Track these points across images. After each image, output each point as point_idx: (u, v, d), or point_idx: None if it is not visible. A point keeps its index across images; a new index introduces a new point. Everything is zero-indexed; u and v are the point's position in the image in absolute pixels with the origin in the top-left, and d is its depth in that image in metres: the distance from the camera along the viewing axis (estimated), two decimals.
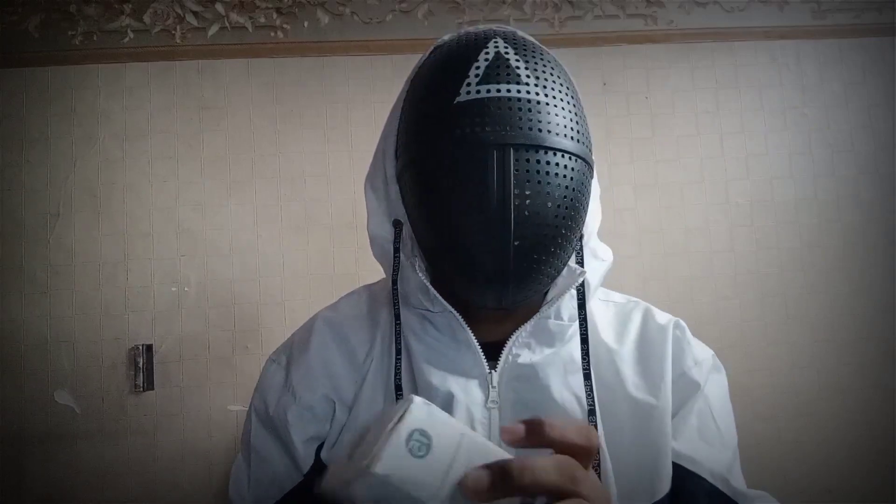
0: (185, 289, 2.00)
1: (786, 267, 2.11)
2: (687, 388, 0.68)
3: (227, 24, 2.07)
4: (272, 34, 2.08)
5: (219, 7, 2.06)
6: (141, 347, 1.95)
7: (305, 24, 2.09)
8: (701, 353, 0.71)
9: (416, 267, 0.64)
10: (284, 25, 2.08)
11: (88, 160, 2.01)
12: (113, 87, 2.04)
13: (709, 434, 0.67)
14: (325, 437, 0.69)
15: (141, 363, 1.94)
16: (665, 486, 0.63)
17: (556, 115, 0.59)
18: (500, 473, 0.37)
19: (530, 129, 0.57)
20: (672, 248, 2.10)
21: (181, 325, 1.98)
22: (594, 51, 2.12)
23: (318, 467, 0.68)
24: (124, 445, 1.93)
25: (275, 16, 2.08)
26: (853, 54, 2.19)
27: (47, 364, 1.94)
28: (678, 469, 0.65)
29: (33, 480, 1.90)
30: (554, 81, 0.60)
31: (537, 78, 0.59)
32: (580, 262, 0.66)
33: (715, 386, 0.70)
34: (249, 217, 2.04)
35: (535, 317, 0.66)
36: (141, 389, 1.94)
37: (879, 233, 2.13)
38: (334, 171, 2.06)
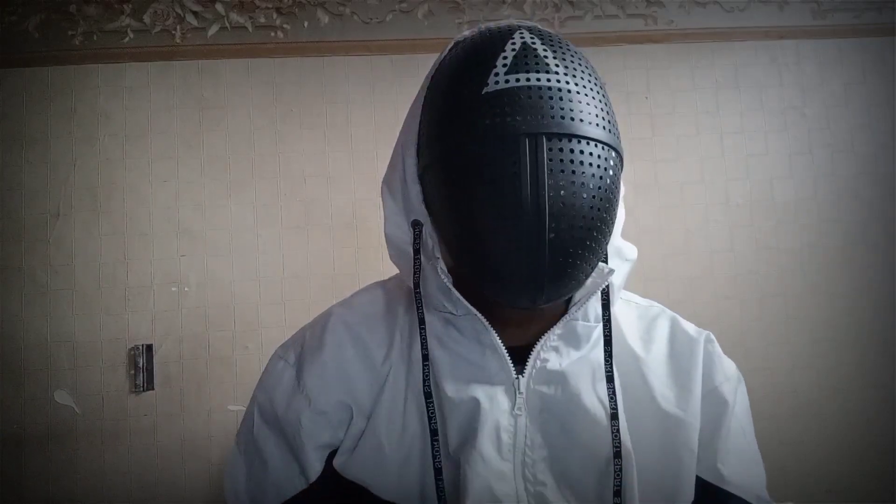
0: (185, 289, 2.00)
1: (786, 267, 2.11)
2: (718, 405, 0.67)
3: (227, 24, 2.07)
4: (272, 34, 2.08)
5: (219, 7, 2.06)
6: (141, 347, 1.95)
7: (305, 24, 2.09)
8: (729, 368, 0.71)
9: (439, 269, 0.61)
10: (284, 25, 2.08)
11: (88, 160, 2.01)
12: (113, 87, 2.04)
13: (748, 455, 0.68)
14: (338, 445, 0.66)
15: (141, 363, 1.94)
16: (685, 501, 0.63)
17: (588, 103, 0.57)
18: None
19: (562, 117, 0.55)
20: (672, 248, 2.10)
21: (181, 325, 1.98)
22: (594, 51, 2.12)
23: (330, 476, 0.65)
24: (124, 445, 1.93)
25: (275, 16, 2.08)
26: (853, 54, 2.19)
27: (47, 364, 1.94)
28: (722, 493, 0.65)
29: (33, 480, 1.90)
30: (582, 71, 0.59)
31: (566, 67, 0.57)
32: (604, 261, 0.64)
33: (742, 400, 0.70)
34: (249, 217, 2.04)
35: (563, 318, 0.63)
36: (141, 389, 1.94)
37: (879, 232, 2.13)
38: (334, 171, 2.06)
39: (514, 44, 0.58)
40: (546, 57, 0.57)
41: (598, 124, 0.56)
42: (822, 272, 2.11)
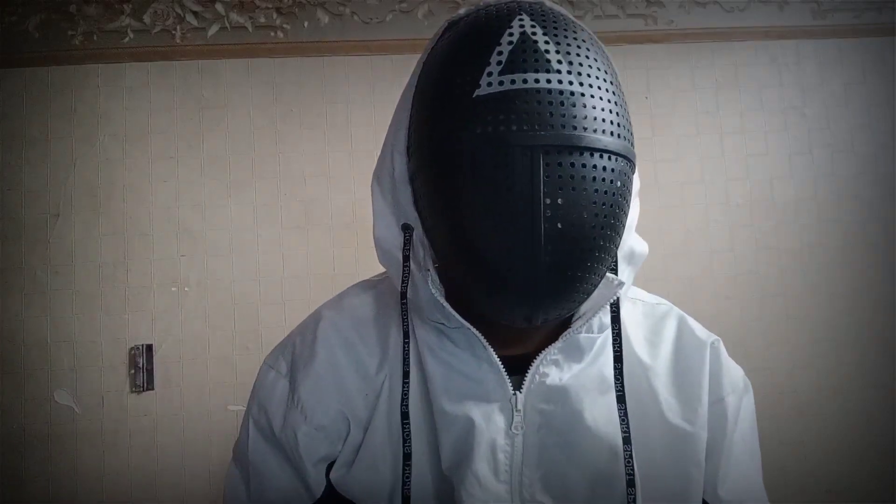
0: (185, 289, 2.00)
1: (786, 267, 2.11)
2: (723, 416, 0.65)
3: (227, 24, 2.07)
4: (272, 34, 2.08)
5: (219, 7, 2.06)
6: (141, 347, 1.95)
7: (305, 24, 2.08)
8: (735, 375, 0.67)
9: (429, 281, 0.57)
10: (284, 25, 2.08)
11: (88, 160, 2.01)
12: (113, 87, 2.04)
13: (748, 474, 0.66)
14: (335, 457, 0.63)
15: (141, 363, 1.94)
16: None
17: (594, 106, 0.51)
18: None
19: (563, 126, 0.49)
20: (672, 248, 2.10)
21: (181, 325, 1.98)
22: None
23: (327, 488, 0.63)
24: (124, 445, 1.93)
25: (275, 16, 2.08)
26: (853, 54, 2.19)
27: (47, 364, 1.94)
28: None
29: (33, 480, 1.90)
30: (590, 65, 0.52)
31: (570, 63, 0.51)
32: (613, 269, 0.59)
33: (747, 410, 0.67)
34: (249, 217, 2.04)
35: (566, 333, 0.59)
36: (141, 389, 1.94)
37: (879, 232, 2.13)
38: (334, 171, 2.06)
39: (511, 34, 0.51)
40: (548, 51, 0.51)
41: (605, 130, 0.51)
42: (822, 272, 2.11)
